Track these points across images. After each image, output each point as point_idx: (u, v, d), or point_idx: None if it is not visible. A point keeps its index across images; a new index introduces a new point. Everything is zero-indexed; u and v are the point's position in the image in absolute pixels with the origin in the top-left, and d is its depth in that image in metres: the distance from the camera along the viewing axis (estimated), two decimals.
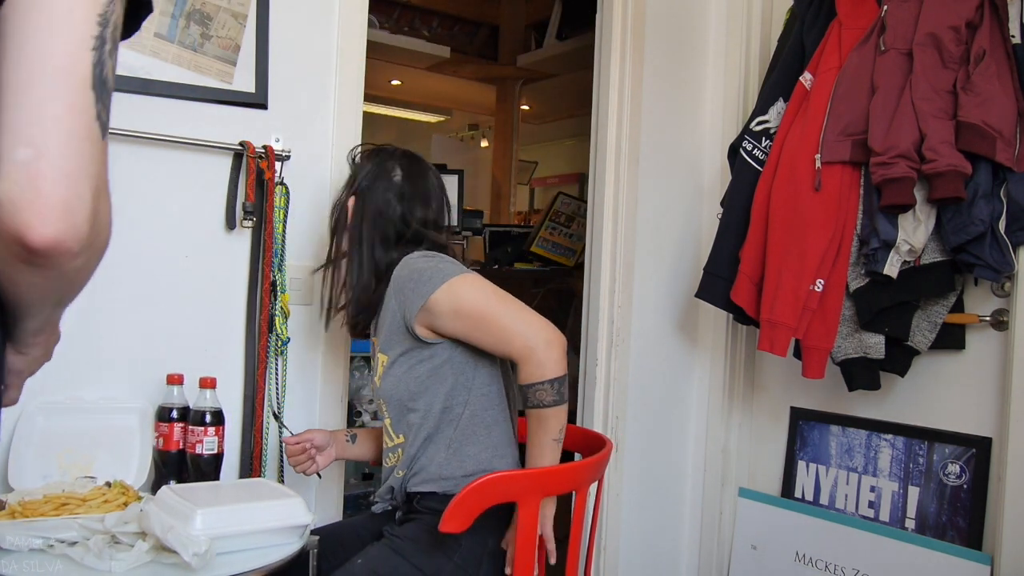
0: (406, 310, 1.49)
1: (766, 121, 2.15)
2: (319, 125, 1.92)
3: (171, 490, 1.34)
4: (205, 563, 1.18)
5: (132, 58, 1.68)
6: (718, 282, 2.17)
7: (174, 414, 1.62)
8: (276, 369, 1.83)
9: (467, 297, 1.46)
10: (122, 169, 1.68)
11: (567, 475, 1.53)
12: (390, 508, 1.61)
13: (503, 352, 1.47)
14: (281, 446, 1.83)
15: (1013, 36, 1.80)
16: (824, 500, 2.23)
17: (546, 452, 1.46)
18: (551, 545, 1.48)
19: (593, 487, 1.62)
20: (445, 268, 1.49)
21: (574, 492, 1.55)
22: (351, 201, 1.63)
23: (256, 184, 1.79)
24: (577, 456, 1.73)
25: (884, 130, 1.83)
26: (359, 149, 1.71)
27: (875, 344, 1.95)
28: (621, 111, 2.34)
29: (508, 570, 1.46)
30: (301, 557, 1.36)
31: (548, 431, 1.45)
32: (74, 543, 1.25)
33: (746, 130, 2.18)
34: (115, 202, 0.66)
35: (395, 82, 4.69)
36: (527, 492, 1.39)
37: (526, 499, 1.38)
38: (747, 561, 2.37)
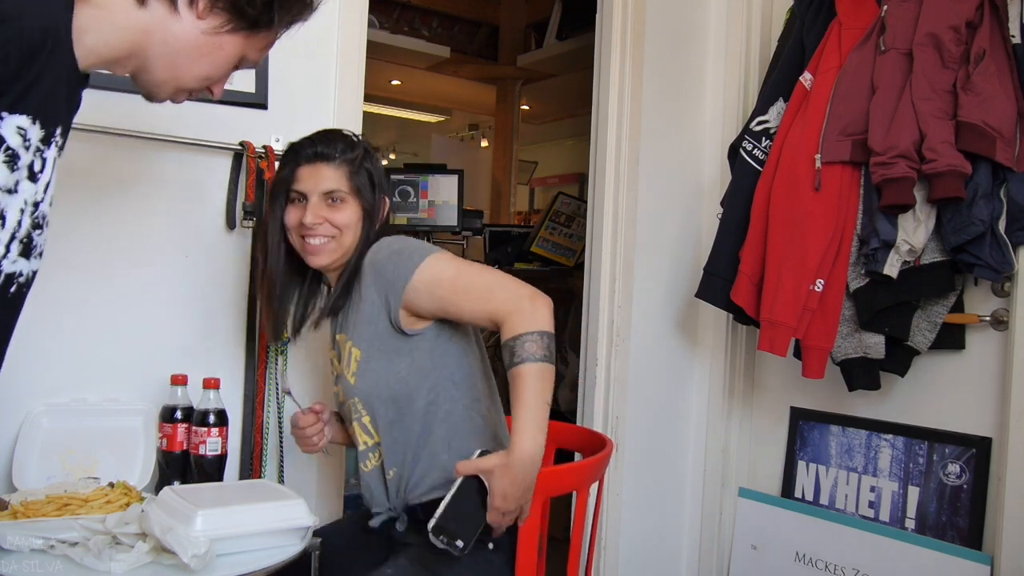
0: (389, 293, 1.41)
1: (766, 121, 2.15)
2: (319, 125, 1.89)
3: (173, 491, 1.34)
4: (204, 564, 1.18)
5: None
6: (718, 282, 2.17)
7: (178, 415, 1.61)
8: (276, 369, 1.84)
9: (447, 265, 1.40)
10: (122, 169, 1.68)
11: (568, 475, 1.53)
12: (388, 519, 1.53)
13: (487, 313, 1.34)
14: (281, 444, 1.83)
15: (1013, 36, 1.80)
16: (824, 500, 2.23)
17: (538, 414, 1.24)
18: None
19: (594, 487, 1.62)
20: (423, 245, 1.45)
21: (575, 492, 1.55)
22: (387, 203, 1.55)
23: (256, 184, 1.79)
24: (577, 456, 1.73)
25: (884, 130, 1.83)
26: (355, 144, 1.55)
27: (875, 344, 1.95)
28: (621, 111, 2.34)
29: None
30: (303, 559, 1.36)
31: (537, 390, 1.24)
32: (75, 544, 1.24)
33: (746, 130, 2.19)
34: (115, 202, 0.66)
35: (395, 82, 4.69)
36: None
37: None
38: (747, 561, 2.37)
